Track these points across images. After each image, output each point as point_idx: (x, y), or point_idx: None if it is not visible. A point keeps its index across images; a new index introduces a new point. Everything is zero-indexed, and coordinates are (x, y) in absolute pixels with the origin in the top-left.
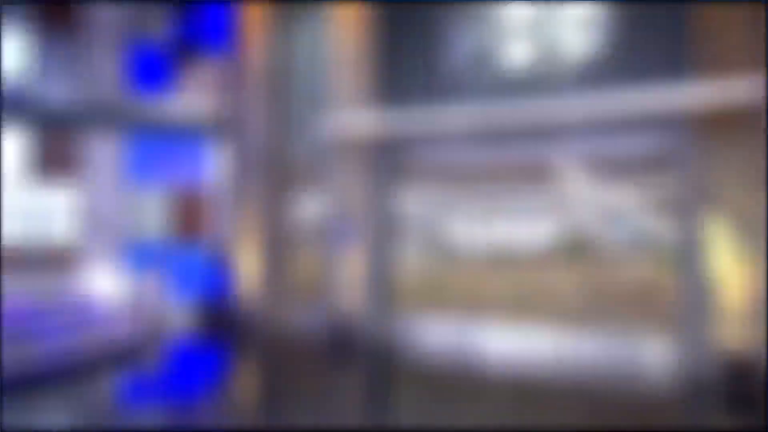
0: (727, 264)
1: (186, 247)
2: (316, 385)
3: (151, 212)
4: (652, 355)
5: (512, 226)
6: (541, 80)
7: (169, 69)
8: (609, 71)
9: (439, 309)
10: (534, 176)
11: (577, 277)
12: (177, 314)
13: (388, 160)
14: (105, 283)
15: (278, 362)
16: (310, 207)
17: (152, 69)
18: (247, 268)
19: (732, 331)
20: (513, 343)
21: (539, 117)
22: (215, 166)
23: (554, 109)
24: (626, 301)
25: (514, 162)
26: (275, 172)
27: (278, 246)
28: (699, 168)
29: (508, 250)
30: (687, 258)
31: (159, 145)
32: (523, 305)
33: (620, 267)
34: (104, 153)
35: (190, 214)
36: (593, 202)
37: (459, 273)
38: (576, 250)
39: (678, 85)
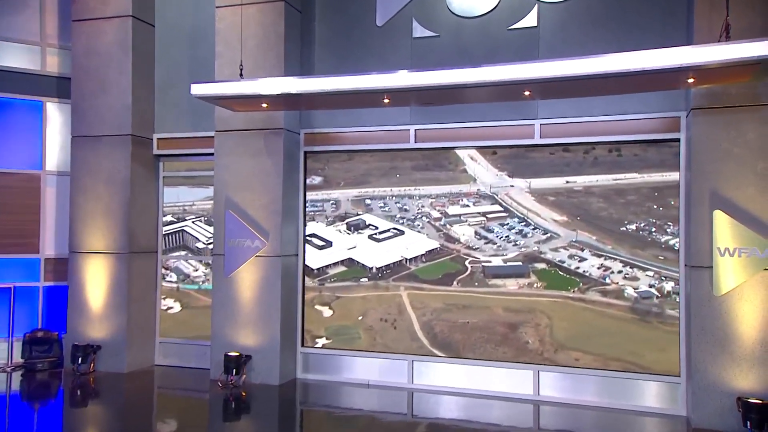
0: (740, 278)
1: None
2: None
3: None
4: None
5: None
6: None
7: None
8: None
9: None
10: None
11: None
12: None
13: (292, 141)
14: None
15: (148, 409)
16: (189, 200)
17: None
18: (98, 288)
19: (750, 367)
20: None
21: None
22: (54, 142)
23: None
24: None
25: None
26: (142, 150)
27: (143, 255)
28: (703, 151)
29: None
30: (692, 272)
31: None
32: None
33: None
34: None
35: (14, 213)
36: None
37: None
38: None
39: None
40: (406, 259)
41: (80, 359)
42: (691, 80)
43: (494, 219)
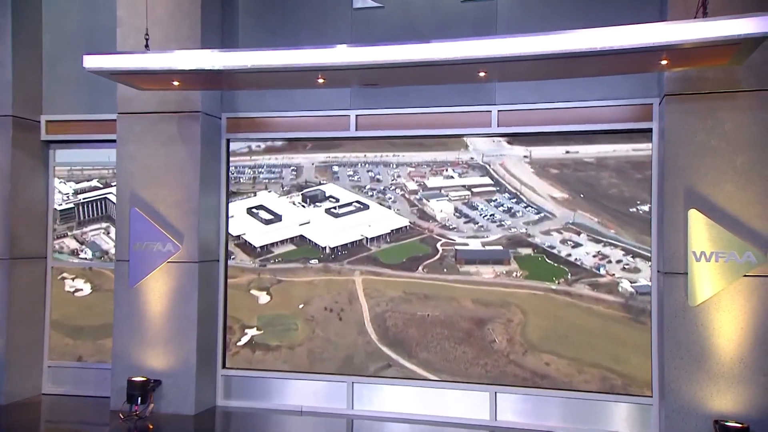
0: (717, 286)
1: None
2: None
3: None
4: None
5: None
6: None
7: None
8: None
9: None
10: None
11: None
12: None
13: (212, 126)
14: None
15: None
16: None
17: None
18: None
19: (728, 386)
20: None
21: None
22: None
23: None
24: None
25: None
26: (27, 135)
27: (28, 261)
28: (678, 143)
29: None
30: (665, 278)
31: None
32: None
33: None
34: None
35: None
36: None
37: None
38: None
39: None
40: (367, 238)
41: None
42: (664, 62)
43: (481, 194)
